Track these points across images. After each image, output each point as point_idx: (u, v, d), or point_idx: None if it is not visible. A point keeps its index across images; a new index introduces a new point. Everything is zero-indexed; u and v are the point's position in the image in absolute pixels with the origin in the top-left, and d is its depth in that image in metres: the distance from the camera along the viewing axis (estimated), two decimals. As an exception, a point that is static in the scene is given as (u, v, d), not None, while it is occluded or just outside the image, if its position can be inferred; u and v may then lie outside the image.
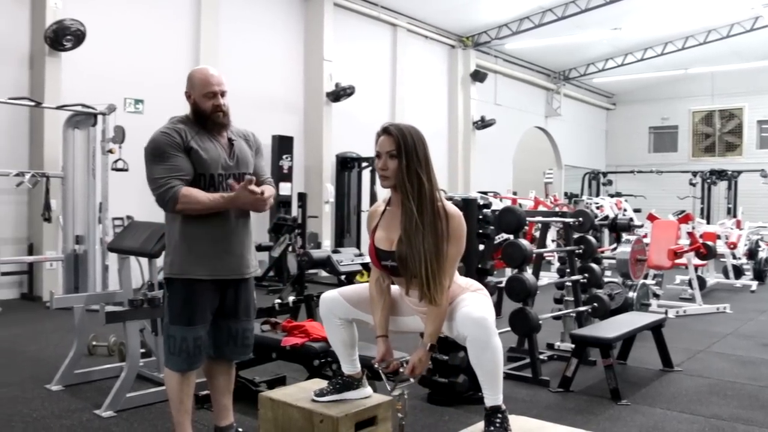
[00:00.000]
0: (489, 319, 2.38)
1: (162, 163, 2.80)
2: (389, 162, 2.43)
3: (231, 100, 2.89)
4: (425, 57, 14.77)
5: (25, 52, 8.19)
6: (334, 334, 2.80)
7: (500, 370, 2.46)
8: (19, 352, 5.28)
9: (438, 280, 2.41)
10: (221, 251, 2.92)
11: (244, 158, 3.01)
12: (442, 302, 2.44)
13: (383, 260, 2.53)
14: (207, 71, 2.92)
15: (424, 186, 2.40)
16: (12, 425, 3.56)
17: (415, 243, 2.39)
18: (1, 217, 7.55)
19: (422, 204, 2.39)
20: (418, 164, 2.40)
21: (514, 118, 17.60)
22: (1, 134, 7.53)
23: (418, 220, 2.38)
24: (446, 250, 2.42)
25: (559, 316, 5.48)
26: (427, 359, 2.51)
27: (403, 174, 2.40)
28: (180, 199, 2.76)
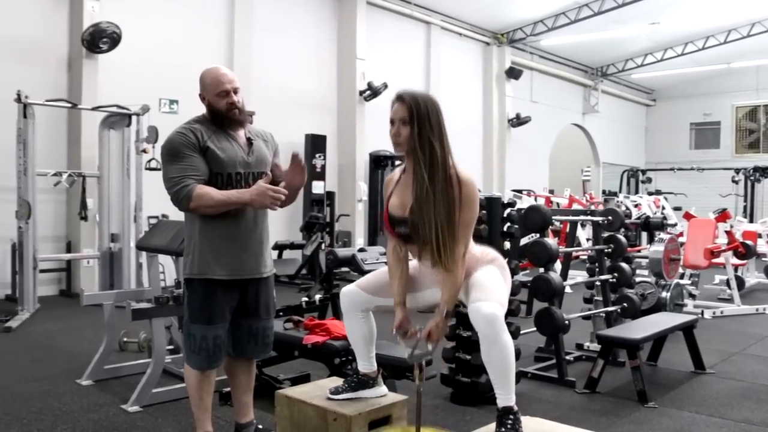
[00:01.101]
0: (498, 316, 2.36)
1: (177, 163, 2.82)
2: (402, 129, 2.42)
3: (264, 100, 2.88)
4: (459, 54, 14.68)
5: (63, 54, 8.40)
6: (353, 328, 2.80)
7: (511, 368, 2.43)
8: (54, 347, 5.42)
9: (449, 246, 2.39)
10: (239, 251, 2.93)
11: (262, 157, 3.01)
12: (456, 269, 2.42)
13: (396, 227, 2.52)
14: (217, 71, 2.92)
15: (436, 153, 2.38)
16: (42, 418, 3.66)
17: (426, 210, 2.37)
18: (41, 215, 7.73)
19: (434, 171, 2.38)
20: (430, 131, 2.39)
21: (550, 115, 17.39)
22: (40, 135, 7.70)
23: (429, 188, 2.36)
24: (459, 217, 2.40)
25: (589, 315, 5.40)
26: (444, 325, 2.47)
27: (415, 141, 2.39)
28: (193, 197, 2.77)
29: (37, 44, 8.15)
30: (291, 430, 2.79)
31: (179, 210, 2.91)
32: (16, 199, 6.76)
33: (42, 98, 7.13)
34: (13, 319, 6.28)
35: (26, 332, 6.01)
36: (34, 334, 5.93)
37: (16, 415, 3.70)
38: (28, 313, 6.57)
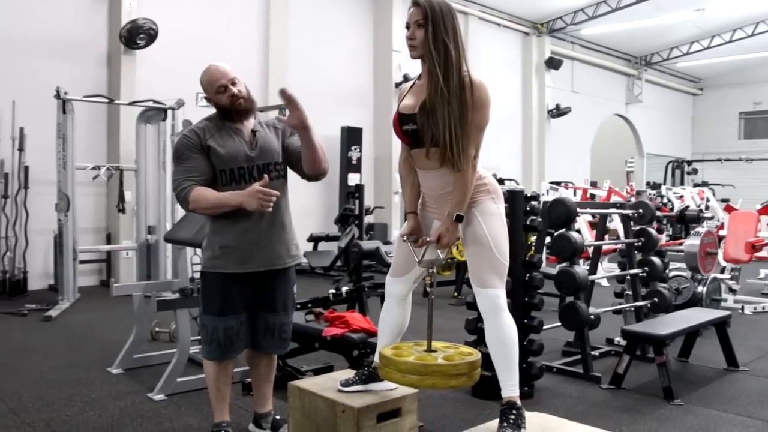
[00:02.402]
0: (501, 296, 2.43)
1: (179, 165, 2.91)
2: (417, 32, 2.42)
3: (300, 93, 2.83)
4: (498, 45, 14.53)
5: (103, 51, 8.62)
6: (387, 317, 2.80)
7: (514, 354, 2.44)
8: (90, 336, 5.58)
9: (461, 145, 2.39)
10: (249, 245, 2.95)
11: (267, 148, 3.00)
12: (467, 168, 2.41)
13: (404, 124, 2.51)
14: (210, 69, 2.95)
15: (450, 54, 2.38)
16: (71, 404, 3.78)
17: (440, 108, 2.37)
18: (82, 208, 7.97)
19: (448, 72, 2.38)
20: (445, 33, 2.39)
21: (592, 106, 17.09)
22: (81, 130, 7.93)
23: (444, 87, 2.36)
24: (471, 118, 2.40)
25: (619, 310, 5.31)
26: (453, 229, 2.46)
27: (430, 43, 2.39)
28: (191, 199, 2.84)
29: (78, 42, 8.37)
30: (303, 420, 2.81)
31: (184, 210, 2.97)
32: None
33: (83, 94, 7.34)
34: (54, 309, 6.49)
35: (65, 321, 6.21)
36: (72, 323, 6.12)
37: (48, 400, 3.83)
38: (68, 303, 6.78)
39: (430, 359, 2.42)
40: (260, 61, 10.29)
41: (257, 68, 10.23)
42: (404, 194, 2.68)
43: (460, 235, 2.55)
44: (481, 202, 2.51)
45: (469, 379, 2.42)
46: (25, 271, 7.63)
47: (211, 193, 2.86)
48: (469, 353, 2.50)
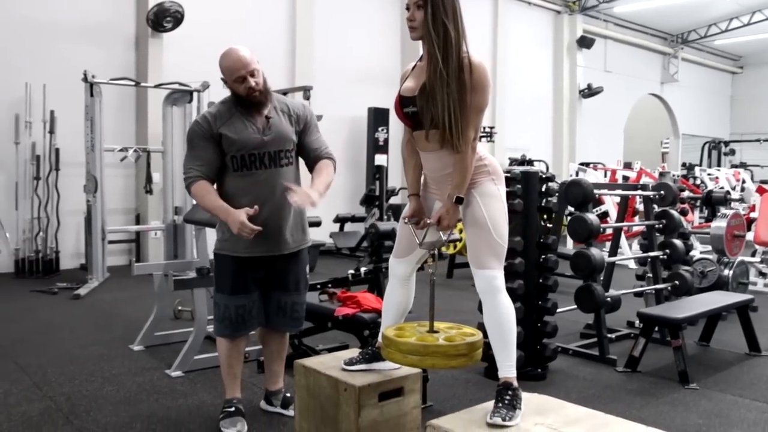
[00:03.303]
0: (499, 276, 2.41)
1: (189, 151, 2.98)
2: (417, 13, 2.41)
3: (327, 74, 2.84)
4: (528, 24, 14.32)
5: (131, 34, 8.72)
6: (391, 296, 2.80)
7: (512, 335, 2.43)
8: (116, 314, 5.73)
9: (460, 127, 2.37)
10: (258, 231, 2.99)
11: (280, 135, 3.02)
12: (466, 150, 2.40)
13: (405, 107, 2.51)
14: (232, 56, 2.91)
15: (450, 35, 2.36)
16: (92, 380, 3.89)
17: (439, 90, 2.36)
18: (112, 189, 8.14)
19: (448, 53, 2.36)
20: (444, 14, 2.37)
21: (625, 85, 16.76)
22: (111, 113, 8.08)
23: (443, 69, 2.35)
24: (470, 100, 2.39)
25: (640, 293, 5.25)
26: (454, 211, 2.46)
27: (429, 24, 2.37)
28: (192, 191, 2.94)
29: (107, 25, 8.49)
30: (308, 398, 2.86)
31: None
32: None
33: (112, 77, 7.45)
34: (83, 287, 6.67)
35: (93, 300, 6.38)
36: (99, 301, 6.29)
37: (70, 375, 3.96)
38: (97, 282, 6.95)
39: (431, 340, 2.43)
40: (287, 42, 10.31)
41: (284, 50, 10.25)
42: (407, 176, 2.68)
43: (461, 217, 2.54)
44: (481, 184, 2.50)
45: (470, 359, 2.43)
46: (57, 251, 7.83)
47: (208, 196, 2.91)
48: (471, 334, 2.51)
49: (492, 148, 13.11)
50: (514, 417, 2.25)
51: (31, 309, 5.91)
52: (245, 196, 2.96)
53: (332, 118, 10.06)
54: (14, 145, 7.68)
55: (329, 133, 10.14)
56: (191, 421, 3.29)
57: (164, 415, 3.35)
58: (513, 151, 13.28)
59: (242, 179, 2.99)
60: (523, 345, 3.96)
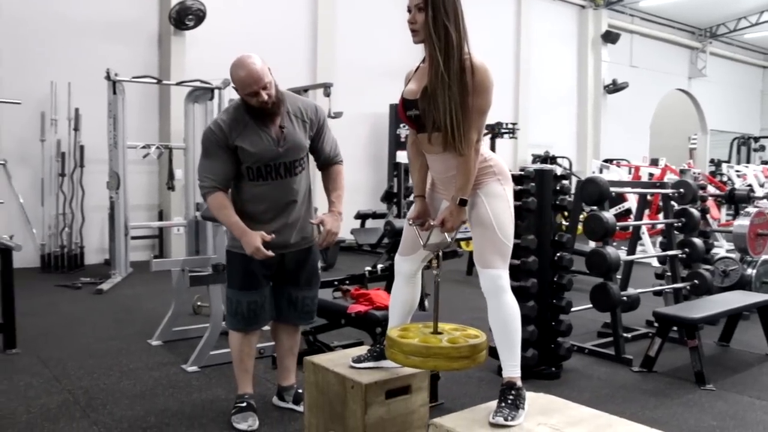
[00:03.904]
0: (504, 276, 2.40)
1: (204, 158, 3.02)
2: (417, 15, 2.40)
3: (348, 71, 2.83)
4: (552, 19, 14.20)
5: (154, 32, 8.84)
6: (398, 294, 2.82)
7: (516, 336, 2.42)
8: (136, 309, 5.82)
9: (462, 130, 2.35)
10: (266, 229, 3.03)
11: (295, 146, 3.05)
12: (469, 153, 2.39)
13: (408, 110, 2.50)
14: (243, 71, 2.88)
15: (451, 37, 2.34)
16: (110, 373, 3.97)
17: (441, 93, 2.34)
18: (135, 185, 8.26)
19: (449, 56, 2.34)
20: (445, 16, 2.35)
21: (651, 81, 16.53)
22: (134, 110, 8.20)
23: (444, 72, 2.33)
24: (472, 102, 2.37)
25: (659, 291, 5.19)
26: (458, 213, 2.45)
27: (430, 26, 2.36)
28: (208, 201, 3.02)
29: (131, 23, 8.61)
30: (317, 395, 2.88)
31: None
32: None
33: (136, 75, 7.56)
34: (106, 282, 6.78)
35: (115, 294, 6.49)
36: (121, 296, 6.39)
37: (89, 369, 4.04)
38: (120, 277, 7.07)
39: (434, 341, 2.43)
40: (308, 39, 10.35)
41: (305, 46, 10.30)
42: (412, 177, 2.68)
43: (466, 218, 2.54)
44: (486, 184, 2.49)
45: (472, 361, 2.42)
46: (81, 246, 7.98)
47: (224, 211, 2.97)
48: (475, 336, 2.50)
49: (514, 144, 13.04)
50: (517, 417, 2.25)
51: (55, 303, 6.03)
52: (261, 203, 3.05)
53: (354, 114, 10.09)
54: (40, 142, 7.83)
55: (351, 130, 10.29)
56: (204, 415, 3.33)
57: (178, 410, 3.40)
58: (536, 148, 13.18)
59: (258, 188, 3.04)
60: (536, 343, 3.95)
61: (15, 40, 7.71)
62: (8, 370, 4.00)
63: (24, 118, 7.65)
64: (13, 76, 7.57)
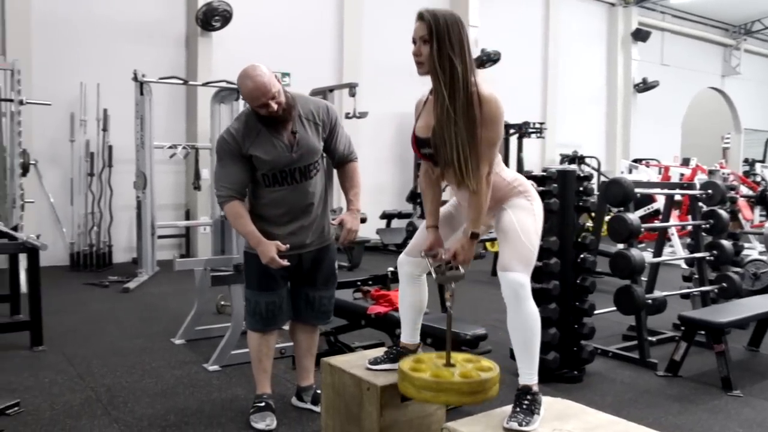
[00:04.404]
0: (523, 283, 2.32)
1: (219, 167, 3.04)
2: (423, 48, 2.36)
3: (374, 69, 2.79)
4: (581, 18, 14.04)
5: (181, 33, 8.94)
6: (405, 296, 2.82)
7: (534, 342, 2.38)
8: (161, 308, 5.88)
9: (472, 166, 2.34)
10: (281, 231, 3.08)
11: (307, 150, 3.05)
12: (480, 188, 2.36)
13: (422, 148, 2.49)
14: (251, 84, 2.87)
15: (456, 70, 2.29)
16: (132, 372, 4.02)
17: (447, 130, 2.32)
18: (163, 185, 8.37)
19: (454, 90, 2.30)
20: (450, 49, 2.30)
21: (683, 79, 16.24)
22: (162, 111, 8.31)
23: (450, 107, 2.30)
24: (481, 135, 2.34)
25: (687, 294, 5.09)
26: (469, 247, 2.44)
27: (435, 59, 2.32)
28: (225, 210, 3.04)
29: (159, 25, 8.72)
30: (333, 396, 2.88)
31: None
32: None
33: (164, 76, 7.65)
34: (133, 281, 6.87)
35: (141, 293, 6.57)
36: (147, 295, 6.47)
37: (112, 367, 4.09)
38: (147, 276, 7.15)
39: (446, 375, 2.39)
40: (335, 38, 10.37)
41: (331, 46, 10.32)
42: (425, 208, 2.64)
43: (496, 227, 2.51)
44: (513, 199, 2.48)
45: (484, 395, 2.38)
46: (110, 245, 8.10)
47: (240, 220, 3.00)
48: (489, 368, 2.47)
49: (542, 144, 12.93)
50: (532, 422, 2.22)
51: (83, 301, 6.13)
52: (278, 207, 3.07)
53: (380, 114, 10.08)
54: (70, 142, 7.97)
55: (376, 130, 10.28)
56: (223, 414, 3.35)
57: (198, 408, 3.43)
58: (564, 147, 13.05)
59: (275, 193, 3.06)
60: (558, 346, 3.90)
61: (46, 43, 7.85)
62: (34, 366, 4.07)
63: (54, 119, 7.79)
64: (44, 77, 7.71)
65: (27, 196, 6.85)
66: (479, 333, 3.39)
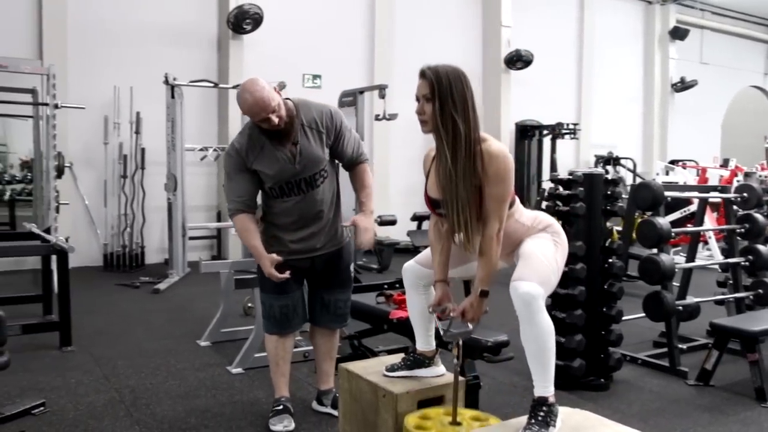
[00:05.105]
0: (535, 295, 2.22)
1: (227, 181, 3.07)
2: (426, 106, 2.32)
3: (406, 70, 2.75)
4: (617, 16, 13.79)
5: (213, 36, 9.04)
6: (412, 305, 2.79)
7: (548, 355, 2.28)
8: (190, 309, 5.93)
9: (476, 229, 2.31)
10: (292, 236, 3.12)
11: (310, 161, 3.04)
12: (489, 249, 2.32)
13: (435, 207, 2.47)
14: (251, 100, 2.86)
15: (459, 130, 2.25)
16: (157, 373, 4.06)
17: (450, 193, 2.29)
18: (194, 187, 8.46)
19: (456, 150, 2.26)
20: (453, 107, 2.26)
21: (723, 78, 15.82)
22: (193, 113, 8.41)
23: (452, 169, 2.27)
24: (489, 192, 2.29)
25: (721, 300, 4.95)
26: (478, 305, 2.38)
27: (437, 118, 2.28)
28: (234, 222, 3.07)
29: (191, 28, 8.83)
30: (351, 402, 2.86)
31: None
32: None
33: (195, 78, 7.75)
34: (163, 282, 6.95)
35: (171, 294, 6.64)
36: (176, 296, 6.54)
37: (137, 368, 4.14)
38: (177, 277, 7.23)
39: None
40: (366, 40, 10.36)
41: (362, 48, 10.31)
42: (433, 260, 2.57)
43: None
44: (533, 235, 2.44)
45: None
46: (142, 246, 8.22)
47: (246, 233, 3.03)
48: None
49: (576, 145, 12.74)
50: (546, 434, 2.16)
51: (114, 302, 6.22)
52: (289, 216, 3.10)
53: (412, 115, 9.80)
54: (103, 145, 8.12)
55: (407, 131, 10.22)
56: (243, 418, 3.36)
57: (218, 411, 3.44)
58: (599, 148, 12.84)
59: (284, 203, 3.09)
60: (584, 353, 3.83)
61: (81, 47, 8.00)
62: (62, 367, 4.14)
63: (89, 122, 7.93)
64: (79, 81, 7.85)
65: (63, 197, 6.97)
66: (501, 340, 3.32)
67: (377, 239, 7.39)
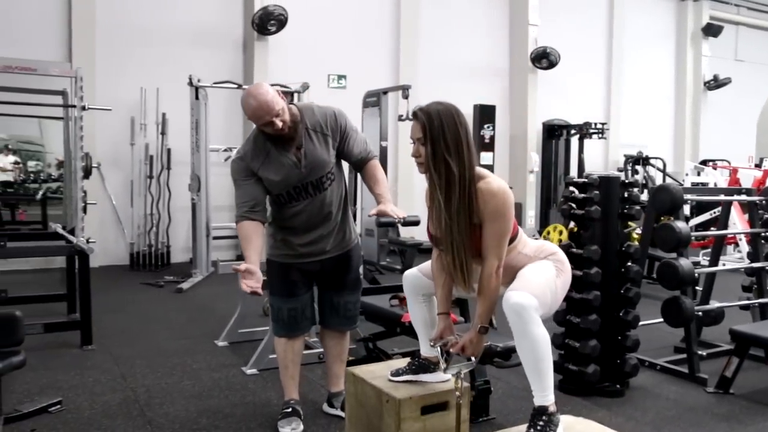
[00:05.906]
0: (526, 306, 2.19)
1: (235, 189, 3.10)
2: (420, 148, 2.32)
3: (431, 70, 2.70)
4: (648, 13, 13.55)
5: (239, 38, 9.12)
6: (414, 312, 2.79)
7: (544, 364, 2.25)
8: (210, 309, 5.99)
9: (472, 270, 2.32)
10: (298, 240, 3.14)
11: (316, 164, 3.04)
12: (488, 287, 2.32)
13: (437, 244, 2.48)
14: (254, 104, 2.86)
15: (452, 173, 2.25)
16: (173, 373, 4.11)
17: (444, 235, 2.31)
18: (219, 187, 8.52)
19: (450, 193, 2.26)
20: (446, 150, 2.25)
21: (759, 75, 15.42)
22: (219, 114, 8.49)
23: (445, 213, 2.28)
24: (487, 230, 2.28)
25: (746, 305, 4.84)
26: (478, 341, 2.38)
27: (430, 162, 2.29)
28: (238, 230, 3.04)
29: (216, 30, 8.93)
30: (356, 406, 2.86)
31: None
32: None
33: (221, 80, 7.83)
34: (187, 281, 7.04)
35: (194, 294, 6.72)
36: (199, 295, 6.62)
37: (154, 368, 4.19)
38: (201, 276, 7.32)
39: None
40: (391, 40, 10.35)
41: (388, 47, 10.31)
42: (436, 293, 2.59)
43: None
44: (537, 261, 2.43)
45: None
46: (168, 246, 8.34)
47: (243, 241, 3.00)
48: None
49: (605, 144, 12.57)
50: (545, 444, 2.13)
51: (137, 301, 6.32)
52: (298, 219, 3.11)
53: (436, 115, 9.98)
54: (130, 146, 8.26)
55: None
56: (254, 419, 3.39)
57: (230, 412, 3.47)
58: (629, 148, 12.62)
59: (293, 208, 3.10)
60: (599, 359, 3.77)
61: (109, 50, 8.15)
62: (81, 365, 4.21)
63: (116, 123, 8.06)
64: (106, 83, 7.98)
65: (90, 197, 7.06)
66: (511, 345, 3.28)
67: (400, 239, 7.38)
